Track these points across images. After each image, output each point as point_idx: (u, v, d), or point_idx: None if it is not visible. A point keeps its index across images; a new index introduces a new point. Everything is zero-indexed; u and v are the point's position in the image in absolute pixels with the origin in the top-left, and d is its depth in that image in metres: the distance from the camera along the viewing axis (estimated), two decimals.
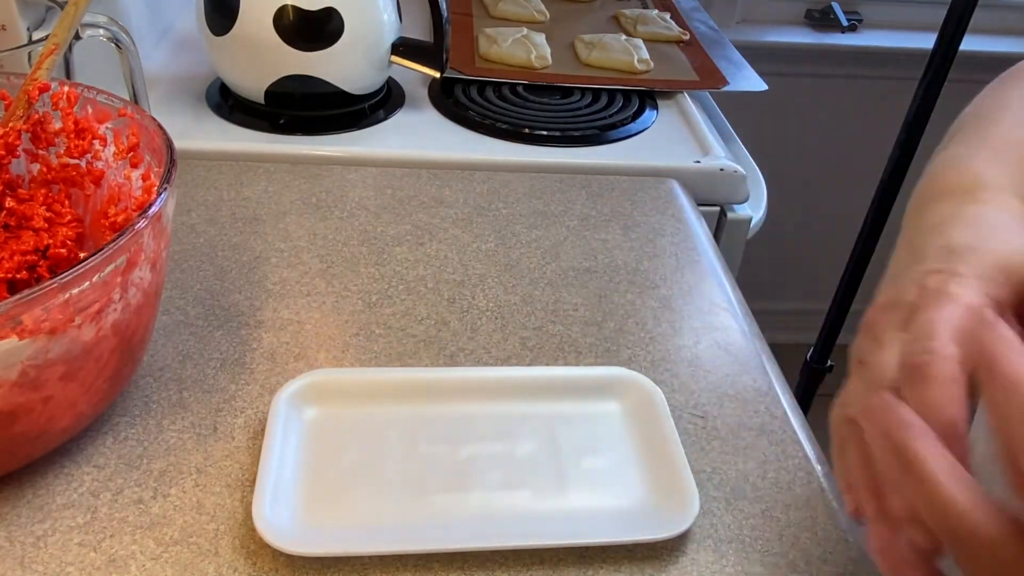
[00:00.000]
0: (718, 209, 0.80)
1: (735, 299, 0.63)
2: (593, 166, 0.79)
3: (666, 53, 1.00)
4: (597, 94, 0.91)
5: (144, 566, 0.40)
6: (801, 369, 1.42)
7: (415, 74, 0.84)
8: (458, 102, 0.87)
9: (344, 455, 0.46)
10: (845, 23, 1.64)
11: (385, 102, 0.86)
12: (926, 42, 1.18)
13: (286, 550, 0.40)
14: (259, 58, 0.77)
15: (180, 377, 0.51)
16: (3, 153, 0.49)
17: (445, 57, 0.81)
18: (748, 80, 0.96)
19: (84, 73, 0.61)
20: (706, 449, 0.49)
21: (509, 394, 0.50)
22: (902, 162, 1.20)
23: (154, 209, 0.42)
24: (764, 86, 0.94)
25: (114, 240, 0.39)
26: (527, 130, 0.82)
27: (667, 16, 1.10)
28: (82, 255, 0.48)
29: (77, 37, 0.58)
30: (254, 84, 0.79)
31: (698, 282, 0.64)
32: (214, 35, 0.78)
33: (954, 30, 1.10)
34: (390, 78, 0.87)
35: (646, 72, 0.94)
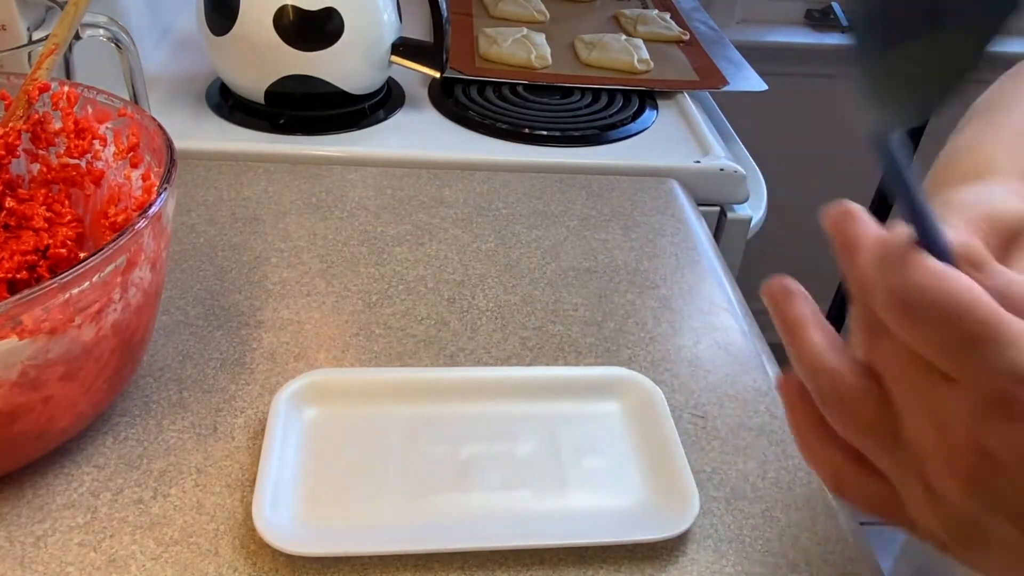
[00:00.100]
0: (718, 209, 0.80)
1: (735, 299, 0.63)
2: (593, 166, 0.79)
3: (666, 53, 1.00)
4: (597, 94, 0.91)
5: (144, 566, 0.40)
6: None
7: (415, 74, 0.84)
8: (458, 102, 0.87)
9: (344, 455, 0.46)
10: (845, 23, 1.64)
11: (385, 102, 0.86)
12: None
13: (286, 550, 0.40)
14: (259, 58, 0.77)
15: (180, 377, 0.51)
16: (3, 153, 0.49)
17: (445, 57, 0.81)
18: (748, 80, 0.96)
19: (84, 73, 0.61)
20: (706, 449, 0.49)
21: (509, 394, 0.50)
22: None
23: (154, 209, 0.42)
24: (764, 86, 0.94)
25: (114, 240, 0.39)
26: (527, 130, 0.82)
27: (667, 16, 1.10)
28: (82, 255, 0.48)
29: (77, 37, 0.58)
30: (254, 84, 0.79)
31: (698, 282, 0.64)
32: (214, 35, 0.78)
33: None
34: (390, 78, 0.87)
35: (646, 72, 0.94)
